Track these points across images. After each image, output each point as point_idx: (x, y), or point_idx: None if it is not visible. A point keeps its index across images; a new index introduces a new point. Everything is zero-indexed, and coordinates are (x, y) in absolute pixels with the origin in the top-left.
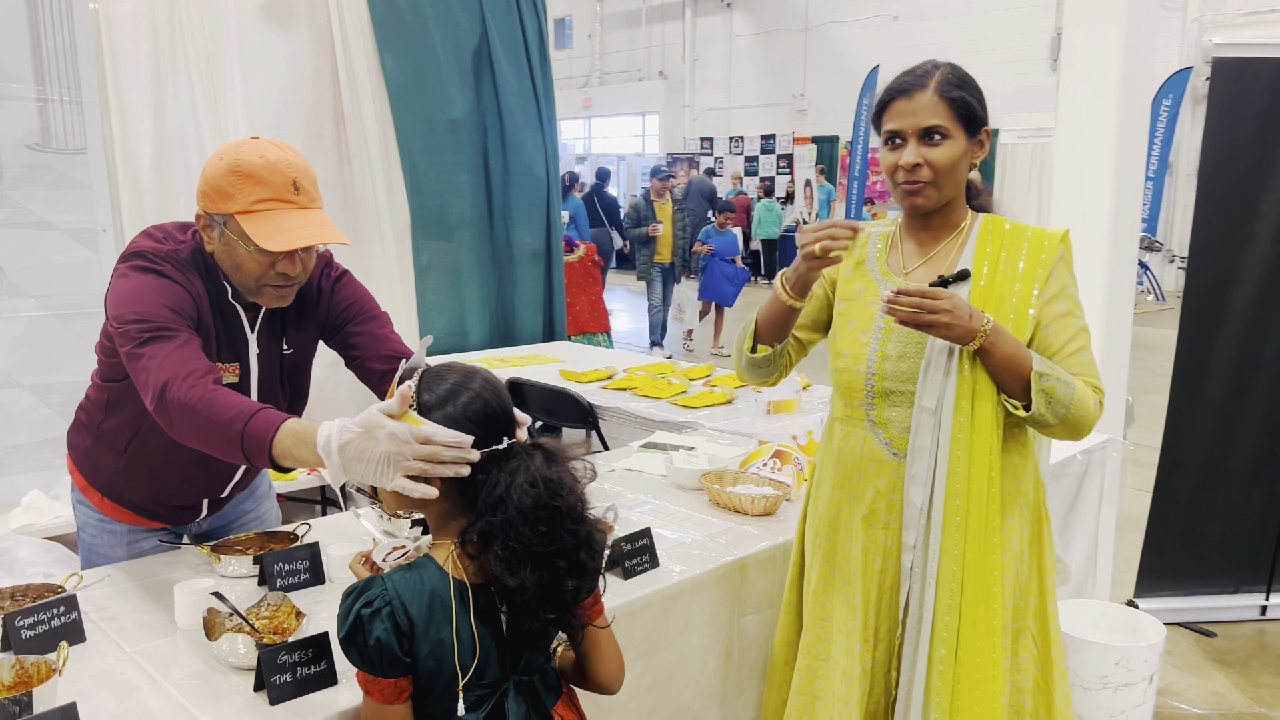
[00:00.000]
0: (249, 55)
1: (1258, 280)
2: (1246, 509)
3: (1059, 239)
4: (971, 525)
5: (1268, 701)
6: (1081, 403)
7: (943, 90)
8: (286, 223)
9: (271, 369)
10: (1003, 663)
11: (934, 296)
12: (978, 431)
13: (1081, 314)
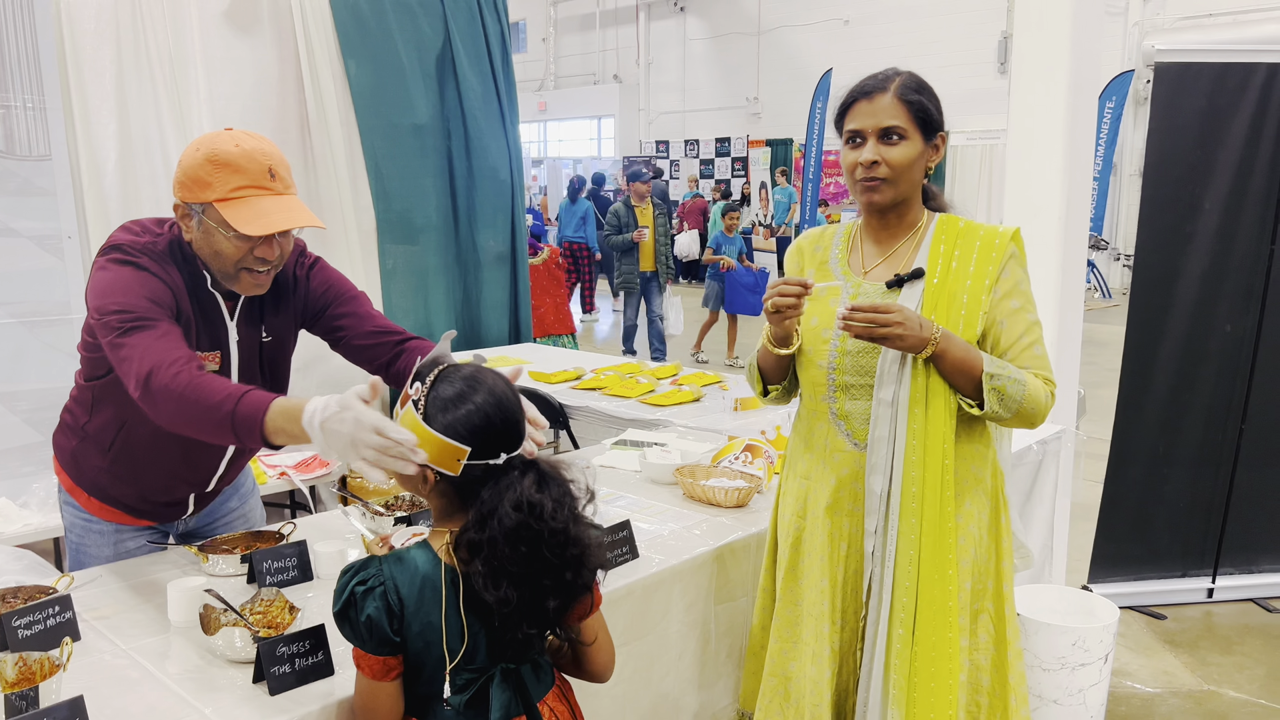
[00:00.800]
0: (213, 61)
1: (1200, 275)
2: (1194, 496)
3: (1009, 237)
4: (927, 511)
5: (1215, 679)
6: (1033, 397)
7: (902, 94)
8: (264, 208)
9: (251, 356)
10: (959, 641)
11: (885, 311)
12: (932, 423)
13: (1034, 309)
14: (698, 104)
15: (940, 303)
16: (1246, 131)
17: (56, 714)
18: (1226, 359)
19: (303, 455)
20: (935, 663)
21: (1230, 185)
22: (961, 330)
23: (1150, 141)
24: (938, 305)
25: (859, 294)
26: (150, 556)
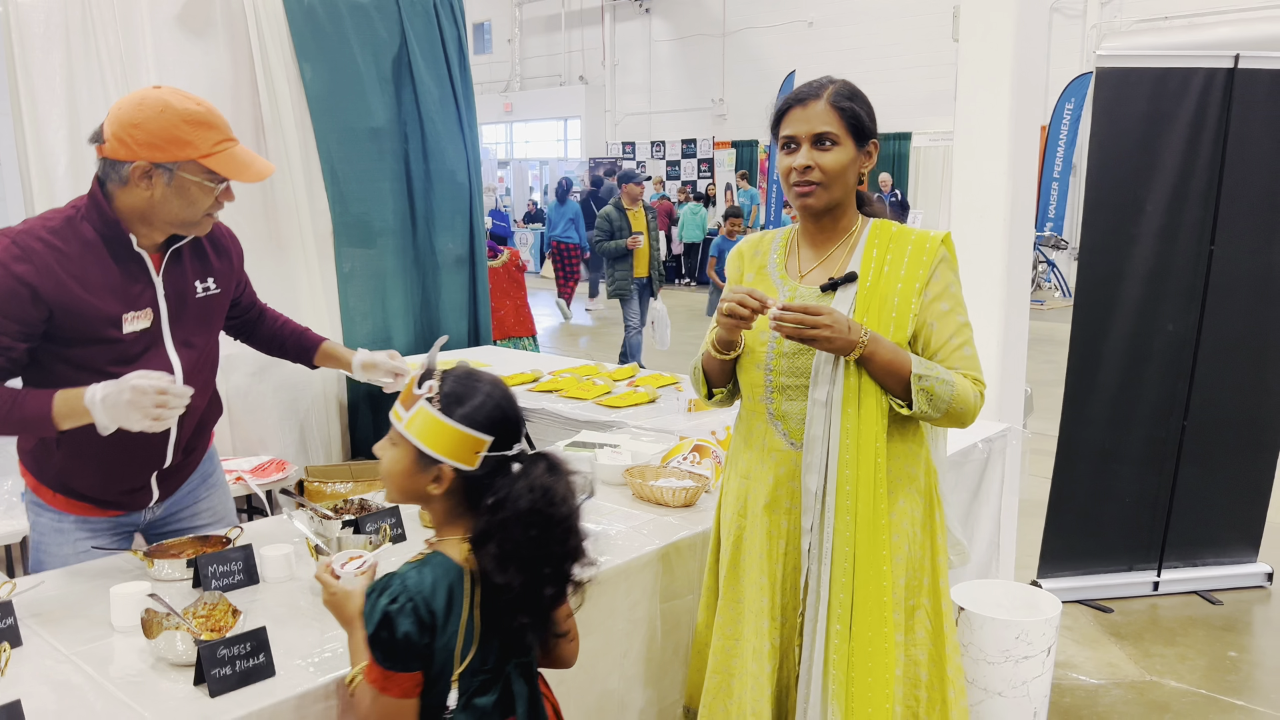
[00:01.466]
0: (166, 65)
1: (1144, 275)
2: (1139, 491)
3: (939, 241)
4: (861, 509)
5: (1158, 670)
6: (961, 397)
7: (835, 101)
8: (243, 158)
9: (184, 307)
10: (895, 636)
11: (815, 313)
12: (864, 423)
13: (964, 311)
14: (663, 105)
15: (872, 305)
16: (1186, 134)
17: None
18: (1169, 357)
19: (259, 460)
20: (872, 658)
21: (1171, 187)
22: (893, 332)
23: (1093, 144)
24: (869, 308)
25: (795, 297)
26: (97, 563)
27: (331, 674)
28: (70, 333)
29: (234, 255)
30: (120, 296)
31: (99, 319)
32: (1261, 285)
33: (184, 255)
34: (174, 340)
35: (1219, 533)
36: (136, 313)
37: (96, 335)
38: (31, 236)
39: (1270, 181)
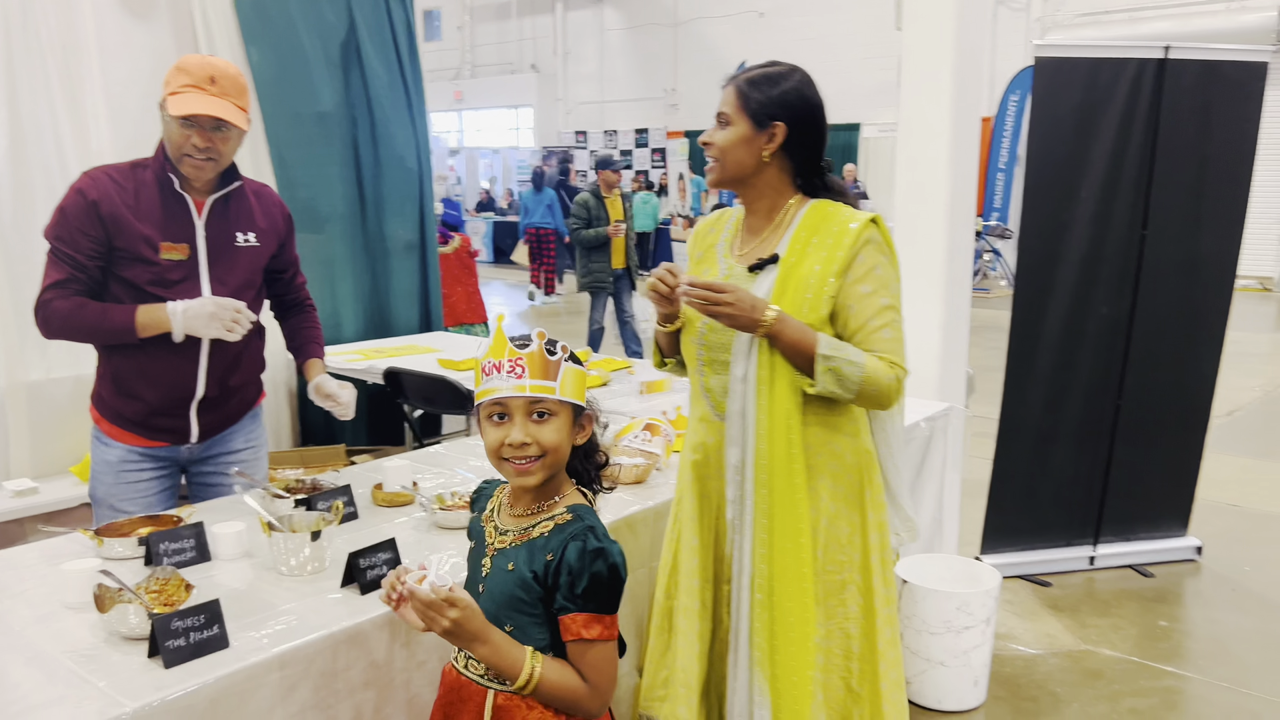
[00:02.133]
0: (108, 49)
1: (1079, 260)
2: (1076, 469)
3: (864, 223)
4: (776, 484)
5: (1093, 640)
6: (873, 379)
7: (737, 84)
8: (193, 100)
9: (223, 253)
10: (814, 606)
11: (719, 290)
12: (777, 400)
13: (890, 294)
14: (616, 95)
15: (790, 286)
16: (1118, 124)
17: None
18: (1103, 339)
19: None
20: (793, 627)
21: (1104, 174)
22: (806, 312)
23: (1031, 133)
24: (787, 288)
25: (730, 276)
26: (48, 542)
27: (285, 644)
28: (120, 250)
29: (280, 222)
30: (161, 227)
31: (139, 239)
32: (1189, 269)
33: (230, 208)
34: (210, 276)
35: (1151, 509)
36: (174, 244)
37: (138, 254)
38: (100, 172)
39: (1198, 169)
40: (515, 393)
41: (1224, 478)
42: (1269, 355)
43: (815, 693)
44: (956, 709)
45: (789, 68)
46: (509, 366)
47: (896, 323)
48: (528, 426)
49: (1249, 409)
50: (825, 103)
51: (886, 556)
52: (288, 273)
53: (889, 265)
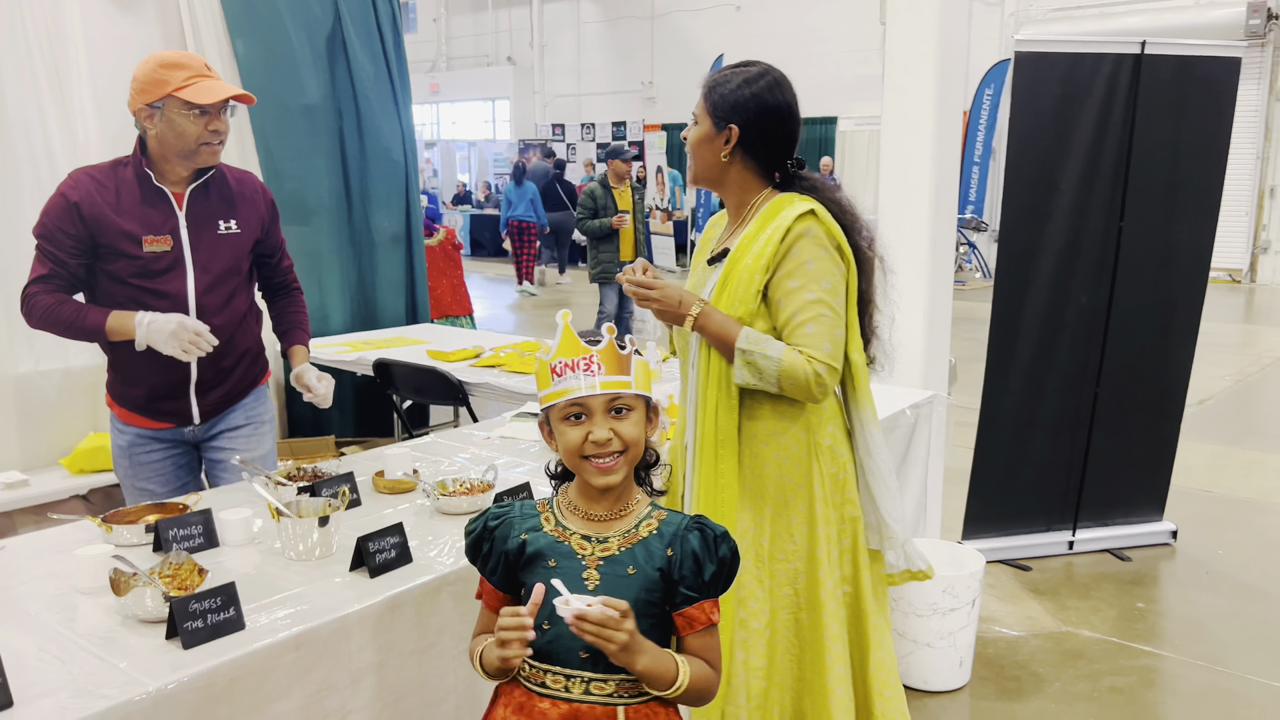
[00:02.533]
0: (94, 40)
1: (1058, 250)
2: (1055, 456)
3: (795, 218)
4: (704, 465)
5: (1073, 621)
6: (789, 373)
7: (705, 84)
8: (210, 87)
9: (207, 240)
10: (745, 584)
11: (649, 286)
12: (711, 386)
13: (818, 288)
14: (593, 87)
15: (730, 280)
16: (1096, 117)
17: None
18: (1082, 328)
19: None
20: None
21: (1083, 166)
22: (739, 305)
23: (1012, 126)
24: (727, 282)
25: (697, 269)
26: (56, 530)
27: (300, 626)
28: (104, 247)
29: (261, 207)
30: (143, 222)
31: (122, 236)
32: (1165, 260)
33: (210, 197)
34: (194, 264)
35: (1128, 494)
36: (157, 237)
37: (121, 250)
38: (83, 173)
39: (1173, 161)
40: (594, 391)
41: (1197, 464)
42: (1238, 346)
43: (737, 672)
44: (943, 689)
45: (757, 69)
46: (584, 365)
47: (823, 317)
48: (608, 423)
49: (1219, 398)
50: (797, 100)
51: (858, 552)
52: (274, 257)
53: (826, 259)
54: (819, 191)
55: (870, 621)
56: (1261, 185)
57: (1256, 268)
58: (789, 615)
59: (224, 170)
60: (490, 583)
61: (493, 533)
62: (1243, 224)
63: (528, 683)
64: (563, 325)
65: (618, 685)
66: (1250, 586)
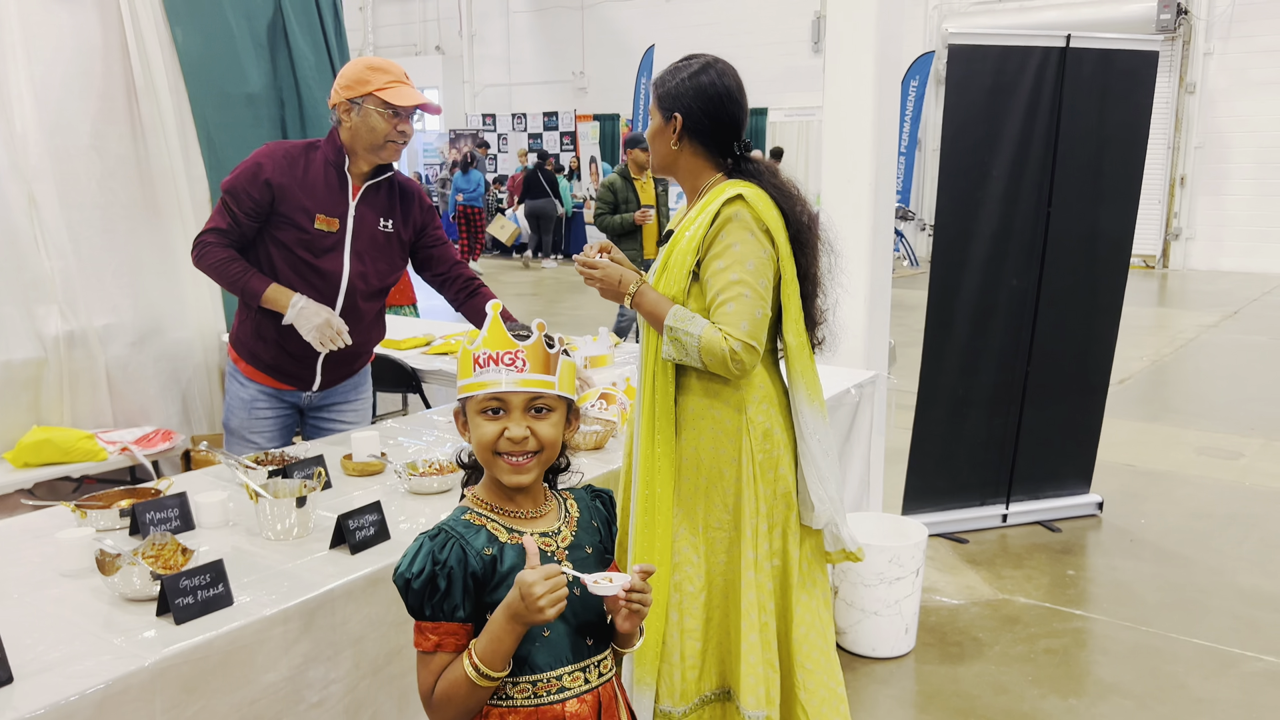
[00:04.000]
0: (31, 28)
1: (990, 235)
2: (989, 433)
3: (726, 201)
4: (643, 435)
5: (1009, 589)
6: (708, 349)
7: (653, 79)
8: (406, 93)
9: (365, 232)
10: (671, 544)
11: (591, 265)
12: (648, 359)
13: (742, 269)
14: (524, 77)
15: (669, 260)
16: (1025, 107)
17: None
18: (1013, 310)
19: (143, 431)
20: (653, 556)
21: (1013, 155)
22: (673, 284)
23: (946, 115)
24: (666, 262)
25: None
26: (29, 516)
27: (287, 602)
28: (280, 215)
29: (417, 216)
30: (319, 200)
31: (299, 208)
32: (1090, 244)
33: (380, 195)
34: (351, 249)
35: (1057, 468)
36: (327, 217)
37: (294, 221)
38: (278, 145)
39: (1097, 150)
40: (515, 387)
41: (1119, 440)
42: (1152, 329)
43: (670, 633)
44: (890, 655)
45: (699, 61)
46: (508, 359)
47: (742, 297)
48: (525, 421)
49: (1138, 377)
50: (742, 86)
51: (789, 527)
52: (437, 246)
53: (751, 242)
54: (761, 176)
55: (794, 596)
56: (1172, 174)
57: (1169, 254)
58: (723, 581)
59: (399, 178)
60: (455, 620)
61: (445, 562)
62: (1156, 212)
63: (535, 700)
64: (492, 315)
65: (610, 658)
66: (1170, 552)
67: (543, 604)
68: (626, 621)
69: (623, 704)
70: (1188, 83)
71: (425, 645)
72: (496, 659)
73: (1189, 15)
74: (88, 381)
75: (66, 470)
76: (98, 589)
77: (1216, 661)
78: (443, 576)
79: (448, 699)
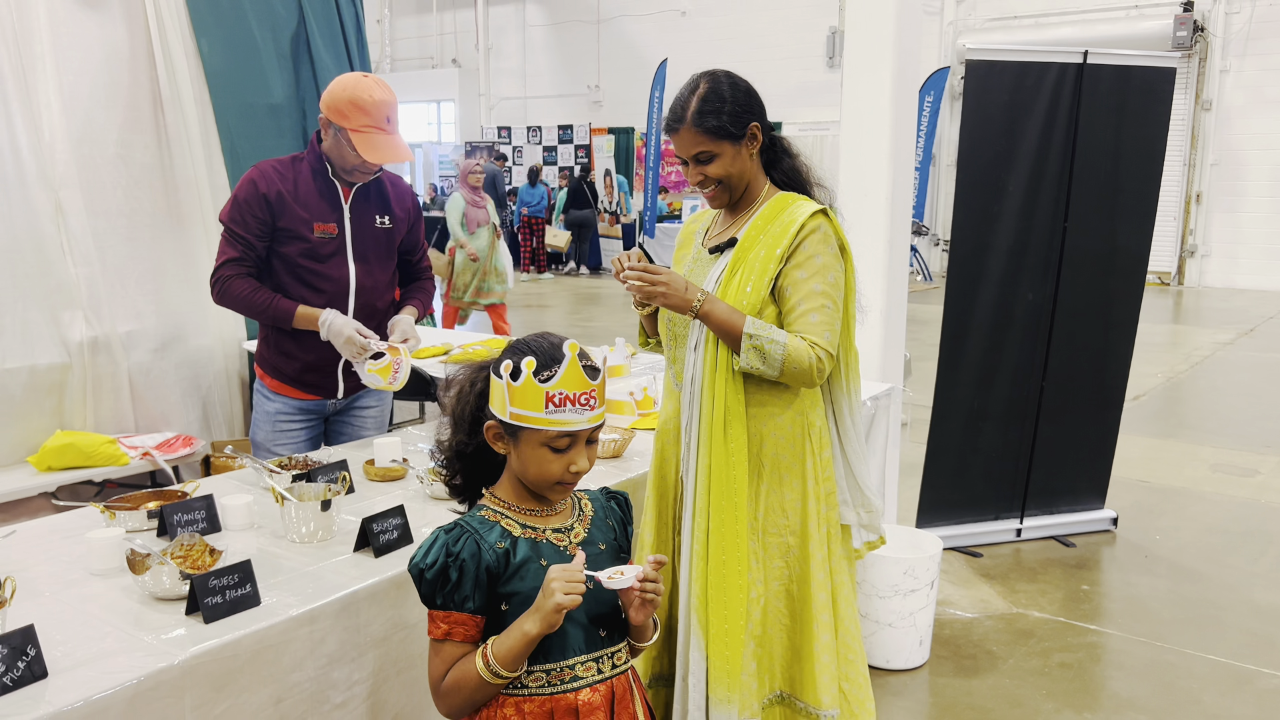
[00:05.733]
0: (61, 38)
1: (1006, 250)
2: (1003, 447)
3: (809, 214)
4: (714, 445)
5: (1023, 603)
6: (794, 357)
7: (696, 123)
8: (377, 142)
9: (364, 232)
10: (749, 561)
11: (654, 273)
12: (720, 368)
13: (824, 281)
14: (539, 90)
15: (739, 268)
16: (1042, 122)
17: (11, 640)
18: (1029, 324)
19: (164, 436)
20: (726, 579)
21: (1030, 169)
22: (750, 292)
23: (963, 131)
24: (736, 269)
25: (698, 259)
26: (60, 517)
27: (313, 603)
28: (281, 230)
29: (410, 210)
30: (314, 210)
31: (298, 219)
32: (1106, 259)
33: (371, 195)
34: (353, 251)
35: (1072, 483)
36: (324, 224)
37: (296, 231)
38: (268, 164)
39: (1113, 166)
40: (589, 425)
41: (1133, 456)
42: (1167, 345)
43: (747, 642)
44: (904, 667)
45: (711, 79)
46: (584, 399)
47: (826, 308)
48: (588, 451)
49: (1152, 394)
50: None
51: (833, 526)
52: (414, 255)
53: (831, 256)
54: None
55: (840, 593)
56: (1188, 191)
57: (1184, 270)
58: (780, 586)
59: (385, 175)
60: (465, 610)
61: (459, 555)
62: (1171, 228)
63: (549, 688)
64: (570, 357)
65: (625, 651)
66: (1185, 568)
67: (555, 588)
68: (639, 613)
69: (638, 697)
70: (1204, 100)
71: (436, 633)
72: (510, 658)
73: (1205, 32)
74: (110, 387)
75: (89, 474)
76: (127, 588)
77: (1232, 678)
78: (455, 568)
79: (456, 689)
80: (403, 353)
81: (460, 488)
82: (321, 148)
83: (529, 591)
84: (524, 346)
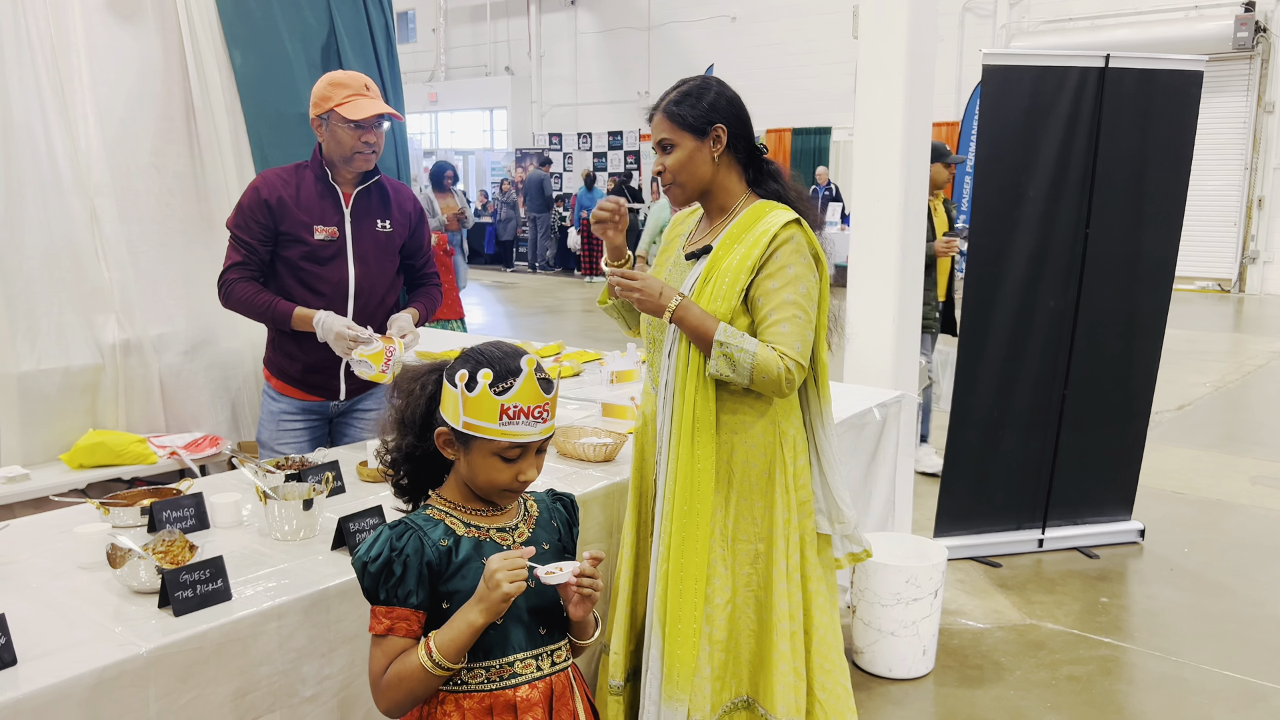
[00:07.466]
0: (97, 49)
1: (1027, 256)
2: (1025, 456)
3: (782, 225)
4: (681, 449)
5: (1038, 615)
6: (763, 366)
7: (667, 110)
8: (362, 104)
9: (365, 236)
10: (715, 566)
11: (631, 278)
12: (691, 373)
13: (796, 292)
14: (590, 97)
15: (712, 276)
16: (1064, 128)
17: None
18: (1050, 331)
19: (192, 437)
20: (684, 581)
21: (1051, 175)
22: (721, 301)
23: (980, 136)
24: (709, 278)
25: (677, 263)
26: (57, 512)
27: (282, 598)
28: (284, 234)
29: (411, 214)
30: (315, 213)
31: (298, 223)
32: (1130, 265)
33: (372, 200)
34: (354, 254)
35: (1096, 493)
36: (325, 227)
37: (297, 236)
38: (272, 172)
39: (1137, 171)
40: (540, 437)
41: (1170, 467)
42: (1221, 354)
43: (703, 645)
44: (907, 676)
45: (703, 78)
46: (538, 413)
47: (798, 319)
48: (536, 460)
49: (1198, 404)
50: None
51: (807, 536)
52: (418, 259)
53: (803, 266)
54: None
55: (815, 602)
56: (1250, 196)
57: (1245, 277)
58: (749, 593)
59: (384, 180)
60: (408, 605)
61: (402, 550)
62: (1231, 234)
63: (488, 685)
64: (527, 372)
65: (565, 649)
66: (1211, 581)
67: (499, 578)
68: (578, 608)
69: (579, 695)
70: (1266, 101)
71: (378, 628)
72: (453, 649)
73: (1267, 33)
74: (142, 388)
75: (119, 472)
76: (110, 581)
77: (1246, 695)
78: (398, 563)
79: (398, 682)
80: (397, 344)
81: (406, 488)
82: (322, 153)
83: (469, 590)
84: (480, 356)
